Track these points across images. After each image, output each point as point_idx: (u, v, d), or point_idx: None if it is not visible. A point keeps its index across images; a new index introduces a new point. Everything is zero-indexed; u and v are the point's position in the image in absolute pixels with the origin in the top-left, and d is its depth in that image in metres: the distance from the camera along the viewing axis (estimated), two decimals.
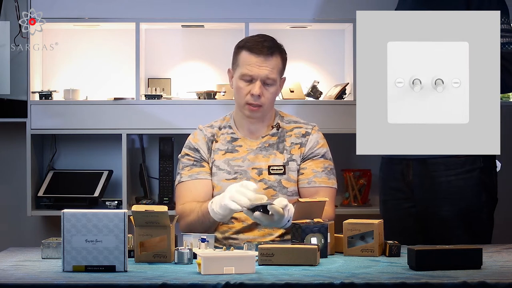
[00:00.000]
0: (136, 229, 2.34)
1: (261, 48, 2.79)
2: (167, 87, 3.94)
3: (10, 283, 2.01)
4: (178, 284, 1.98)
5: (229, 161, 2.85)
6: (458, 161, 2.91)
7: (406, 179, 3.00)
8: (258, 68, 2.78)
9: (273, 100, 2.85)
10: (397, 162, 3.02)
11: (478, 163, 2.91)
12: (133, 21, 3.77)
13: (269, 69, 2.78)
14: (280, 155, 2.85)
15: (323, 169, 2.85)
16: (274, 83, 2.81)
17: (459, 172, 2.92)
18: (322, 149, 2.88)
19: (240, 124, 2.90)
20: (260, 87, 2.78)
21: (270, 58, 2.79)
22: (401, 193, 3.03)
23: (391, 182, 3.07)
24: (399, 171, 3.02)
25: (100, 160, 3.98)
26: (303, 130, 2.89)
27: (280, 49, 2.84)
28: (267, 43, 2.81)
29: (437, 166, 2.93)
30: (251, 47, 2.80)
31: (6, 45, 3.79)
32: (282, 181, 2.82)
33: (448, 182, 2.92)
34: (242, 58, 2.81)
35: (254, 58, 2.78)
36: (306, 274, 2.12)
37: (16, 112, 3.82)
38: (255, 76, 2.78)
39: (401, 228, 3.02)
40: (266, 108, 2.83)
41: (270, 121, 2.90)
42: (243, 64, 2.80)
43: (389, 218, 3.08)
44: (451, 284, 1.99)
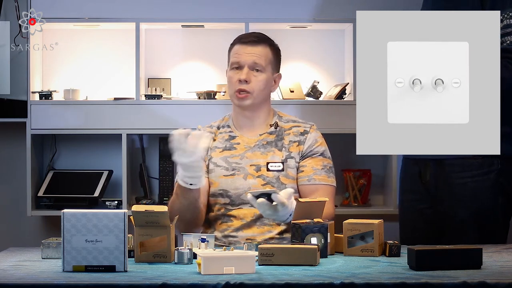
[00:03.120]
0: (136, 229, 2.34)
1: (249, 37, 2.90)
2: (167, 87, 3.94)
3: (10, 283, 2.01)
4: (178, 284, 1.98)
5: (226, 158, 2.86)
6: (475, 163, 2.88)
7: (424, 180, 2.99)
8: (246, 55, 2.85)
9: (263, 89, 2.86)
10: (414, 162, 3.01)
11: (496, 165, 2.88)
12: (133, 21, 3.78)
13: (256, 55, 2.85)
14: (278, 153, 2.85)
15: (322, 167, 2.86)
16: (262, 71, 2.85)
17: (475, 174, 2.89)
18: (321, 147, 2.89)
19: (238, 122, 2.92)
20: (247, 72, 2.84)
21: (257, 45, 2.86)
22: (417, 194, 3.01)
23: (408, 183, 3.06)
24: (416, 172, 3.01)
25: (100, 160, 3.98)
26: (301, 128, 2.90)
27: (270, 41, 2.91)
28: (255, 34, 2.93)
29: (453, 167, 2.90)
30: (240, 38, 2.91)
31: (6, 45, 3.79)
32: (281, 177, 2.83)
33: (464, 184, 2.90)
34: (233, 50, 2.90)
35: (242, 47, 2.87)
36: (306, 274, 2.12)
37: (16, 112, 3.82)
38: (242, 63, 2.85)
39: (416, 229, 3.01)
40: (256, 96, 2.84)
41: (268, 120, 2.92)
42: (232, 55, 2.89)
43: (405, 219, 3.08)
44: (451, 284, 1.99)
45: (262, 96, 2.87)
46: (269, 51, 2.88)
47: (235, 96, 2.85)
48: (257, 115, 2.90)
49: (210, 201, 2.86)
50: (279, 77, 2.94)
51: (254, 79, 2.84)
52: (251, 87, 2.83)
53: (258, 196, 2.53)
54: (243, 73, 2.83)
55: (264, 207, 2.54)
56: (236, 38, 2.93)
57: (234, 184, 2.83)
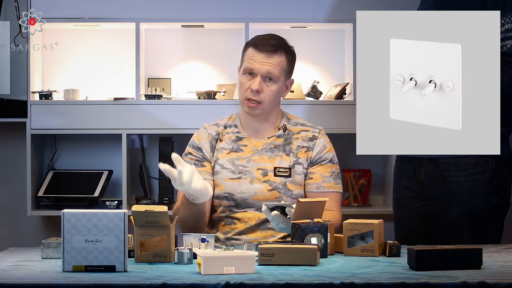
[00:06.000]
0: (136, 229, 2.33)
1: (266, 44, 2.79)
2: (167, 87, 3.94)
3: (10, 283, 2.01)
4: (178, 284, 1.98)
5: (233, 161, 2.84)
6: (469, 162, 2.89)
7: (418, 178, 2.99)
8: (260, 64, 2.78)
9: (274, 99, 2.82)
10: (409, 161, 3.01)
11: (490, 165, 2.89)
12: (133, 21, 3.78)
13: (271, 65, 2.77)
14: (286, 158, 2.83)
15: (331, 173, 2.85)
16: (276, 81, 2.79)
17: (470, 173, 2.89)
18: (329, 153, 2.87)
19: (246, 123, 2.89)
20: (259, 82, 2.77)
21: (273, 55, 2.78)
22: (413, 192, 3.02)
23: (404, 181, 3.06)
24: (411, 170, 3.01)
25: (100, 160, 3.98)
26: (310, 133, 2.87)
27: (287, 49, 2.83)
28: (272, 41, 2.81)
29: (448, 166, 2.91)
30: (256, 43, 2.81)
31: (6, 45, 3.79)
32: (288, 183, 2.81)
33: (458, 183, 2.90)
34: (247, 53, 2.82)
35: (257, 53, 2.79)
36: (306, 274, 2.12)
37: (16, 112, 3.82)
38: (255, 71, 2.78)
39: (411, 227, 3.02)
40: (266, 106, 2.81)
41: (277, 122, 2.89)
42: (246, 59, 2.81)
43: (400, 216, 3.09)
44: (451, 284, 1.99)
45: (272, 105, 2.84)
46: (285, 59, 2.80)
47: (245, 103, 2.80)
48: (266, 119, 2.86)
49: (215, 203, 2.84)
50: (291, 83, 2.88)
51: (266, 89, 2.78)
52: (262, 97, 2.78)
53: (273, 208, 2.53)
54: (256, 83, 2.77)
55: (277, 220, 2.53)
56: (252, 41, 2.83)
57: (240, 188, 2.80)
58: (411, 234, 3.00)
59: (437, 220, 2.96)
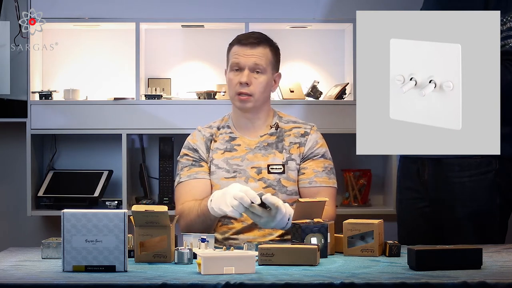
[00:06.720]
0: (136, 229, 2.34)
1: (249, 38, 2.87)
2: (167, 87, 3.94)
3: (10, 283, 2.02)
4: (178, 284, 1.98)
5: (228, 160, 2.85)
6: (473, 162, 2.88)
7: (422, 179, 2.99)
8: (246, 57, 2.83)
9: (264, 91, 2.85)
10: (412, 161, 3.01)
11: (494, 165, 2.88)
12: (133, 21, 3.78)
13: (256, 56, 2.83)
14: (279, 154, 2.85)
15: (323, 168, 2.86)
16: (263, 72, 2.84)
17: (473, 173, 2.89)
18: (322, 148, 2.89)
19: (238, 123, 2.91)
20: (248, 75, 2.82)
21: (256, 47, 2.84)
22: (416, 193, 3.02)
23: (407, 181, 3.06)
24: (415, 171, 3.01)
25: (100, 160, 3.98)
26: (302, 130, 2.90)
27: (269, 41, 2.89)
28: (254, 35, 2.90)
29: (451, 166, 2.90)
30: (239, 39, 2.89)
31: (6, 45, 3.79)
32: (282, 180, 2.82)
33: (462, 183, 2.90)
34: (232, 51, 2.88)
35: (241, 48, 2.85)
36: (306, 274, 2.12)
37: (16, 112, 3.82)
38: (242, 65, 2.83)
39: (414, 227, 3.02)
40: (257, 98, 2.84)
41: (268, 121, 2.91)
42: (232, 56, 2.87)
43: (403, 217, 3.08)
44: (451, 284, 1.99)
45: (263, 98, 2.87)
46: (269, 51, 2.87)
47: (236, 98, 2.84)
48: (257, 117, 2.89)
49: None
50: (279, 77, 2.93)
51: (255, 81, 2.83)
52: (252, 89, 2.82)
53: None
54: (244, 76, 2.82)
55: (258, 212, 2.54)
56: (235, 39, 2.91)
57: None
58: (414, 235, 3.00)
59: (440, 221, 2.96)
